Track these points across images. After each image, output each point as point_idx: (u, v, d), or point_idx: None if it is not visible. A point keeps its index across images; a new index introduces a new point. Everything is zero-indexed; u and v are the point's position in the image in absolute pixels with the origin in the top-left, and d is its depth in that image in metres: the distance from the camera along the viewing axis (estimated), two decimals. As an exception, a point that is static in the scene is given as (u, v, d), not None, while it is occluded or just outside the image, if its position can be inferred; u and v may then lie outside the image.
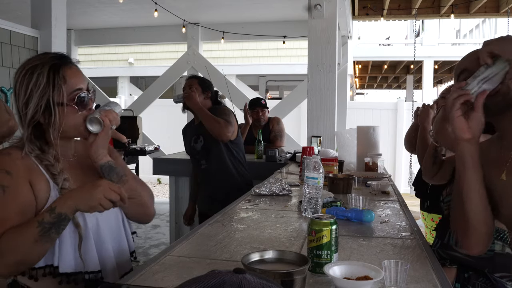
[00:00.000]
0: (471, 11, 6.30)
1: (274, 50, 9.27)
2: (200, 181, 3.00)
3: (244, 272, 0.59)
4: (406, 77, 13.96)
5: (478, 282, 1.37)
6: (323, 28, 3.85)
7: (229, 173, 2.87)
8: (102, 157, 1.22)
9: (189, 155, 3.05)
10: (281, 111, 6.08)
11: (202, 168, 2.88)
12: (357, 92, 17.81)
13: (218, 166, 2.85)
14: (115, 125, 1.24)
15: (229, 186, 2.81)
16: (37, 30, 3.36)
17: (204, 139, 2.84)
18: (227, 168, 2.86)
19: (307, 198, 1.63)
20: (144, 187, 1.31)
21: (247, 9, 6.32)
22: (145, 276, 1.08)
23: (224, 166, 2.86)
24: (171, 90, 12.15)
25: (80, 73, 1.25)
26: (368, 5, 6.36)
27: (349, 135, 3.26)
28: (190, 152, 2.97)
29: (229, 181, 2.85)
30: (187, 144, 2.98)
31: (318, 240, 1.09)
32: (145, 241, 5.00)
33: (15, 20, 3.46)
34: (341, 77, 6.48)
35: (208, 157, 2.85)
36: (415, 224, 1.59)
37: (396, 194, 2.18)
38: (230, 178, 2.87)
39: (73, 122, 1.20)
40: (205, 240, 1.40)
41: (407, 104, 8.34)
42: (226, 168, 2.86)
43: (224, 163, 2.86)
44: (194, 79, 2.94)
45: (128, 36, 7.71)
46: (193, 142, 2.90)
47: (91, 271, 1.18)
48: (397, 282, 0.97)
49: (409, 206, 1.94)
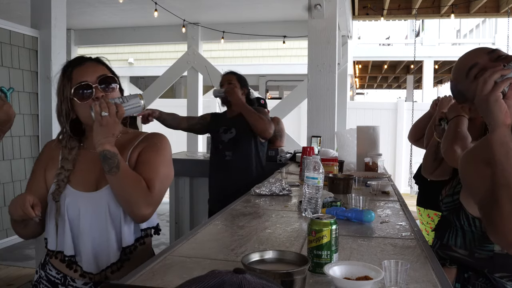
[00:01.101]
0: (471, 11, 6.30)
1: (274, 50, 9.27)
2: (216, 169, 3.03)
3: (244, 272, 0.59)
4: (406, 77, 13.97)
5: (478, 282, 1.37)
6: (323, 28, 3.85)
7: (251, 169, 2.97)
8: (99, 145, 1.29)
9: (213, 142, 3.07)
10: (281, 111, 6.07)
11: (225, 159, 2.94)
12: (357, 92, 17.82)
13: (243, 161, 2.94)
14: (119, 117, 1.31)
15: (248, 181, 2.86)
16: (37, 30, 3.36)
17: (236, 132, 2.93)
18: (251, 165, 2.97)
19: (307, 198, 1.63)
20: (136, 186, 1.30)
21: (247, 9, 6.32)
22: (145, 276, 1.08)
23: (249, 162, 2.96)
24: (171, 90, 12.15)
25: (90, 68, 1.39)
26: (368, 5, 6.36)
27: (349, 135, 3.26)
28: (215, 140, 3.02)
29: (250, 176, 2.93)
30: (214, 130, 3.03)
31: (318, 240, 1.08)
32: (145, 241, 4.99)
33: (15, 20, 3.45)
34: (341, 77, 6.48)
35: (235, 150, 2.93)
36: (415, 224, 1.59)
37: (396, 194, 2.18)
38: (251, 174, 2.95)
39: (82, 113, 1.37)
40: (205, 240, 1.40)
41: (407, 104, 8.35)
42: (251, 164, 2.97)
43: (249, 159, 2.96)
44: (232, 75, 3.02)
45: (128, 36, 7.71)
46: (222, 132, 2.98)
47: (69, 255, 1.34)
48: (397, 282, 0.97)
49: (409, 206, 1.94)
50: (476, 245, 1.37)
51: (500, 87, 1.04)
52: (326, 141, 3.87)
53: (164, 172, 1.40)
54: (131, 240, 1.37)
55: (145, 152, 1.40)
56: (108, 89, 1.38)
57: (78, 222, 1.34)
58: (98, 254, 1.35)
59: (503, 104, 1.04)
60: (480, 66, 1.27)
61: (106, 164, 1.28)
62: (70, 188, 1.36)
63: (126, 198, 1.31)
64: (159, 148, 1.41)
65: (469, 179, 1.25)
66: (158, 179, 1.36)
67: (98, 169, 1.34)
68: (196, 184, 4.03)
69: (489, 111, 1.06)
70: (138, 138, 1.44)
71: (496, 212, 1.06)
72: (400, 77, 14.92)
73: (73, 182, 1.37)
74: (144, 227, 1.41)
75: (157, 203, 1.37)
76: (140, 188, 1.31)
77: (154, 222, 1.46)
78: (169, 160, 1.45)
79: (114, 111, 1.29)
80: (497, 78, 1.06)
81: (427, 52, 10.38)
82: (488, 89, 1.05)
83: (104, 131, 1.28)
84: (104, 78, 1.38)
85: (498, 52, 1.29)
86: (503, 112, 1.03)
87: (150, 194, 1.32)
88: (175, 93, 13.15)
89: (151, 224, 1.44)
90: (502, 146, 1.03)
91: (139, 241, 1.40)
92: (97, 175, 1.36)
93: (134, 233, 1.39)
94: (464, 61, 1.34)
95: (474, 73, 1.27)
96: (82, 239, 1.34)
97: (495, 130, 1.05)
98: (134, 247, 1.38)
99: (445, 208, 1.51)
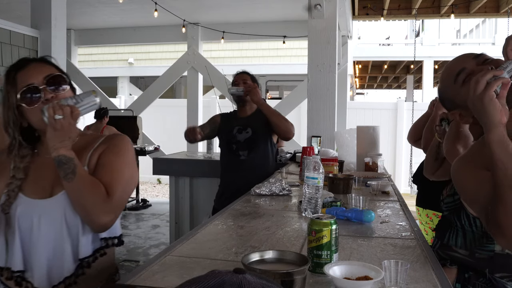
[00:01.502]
0: (471, 11, 6.30)
1: (274, 50, 9.27)
2: (229, 169, 3.02)
3: (244, 272, 0.59)
4: (406, 77, 13.97)
5: (479, 282, 1.36)
6: (323, 28, 3.85)
7: (266, 169, 2.97)
8: (53, 150, 1.21)
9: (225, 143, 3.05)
10: (281, 111, 6.04)
11: (240, 159, 2.94)
12: (357, 92, 17.82)
13: (260, 161, 2.94)
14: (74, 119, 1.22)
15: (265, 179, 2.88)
16: (37, 30, 3.36)
17: (253, 131, 2.93)
18: (268, 164, 2.99)
19: (307, 198, 1.63)
20: (94, 192, 1.21)
21: (247, 9, 6.33)
22: (145, 276, 1.08)
23: (266, 162, 2.97)
24: (171, 90, 12.16)
25: (35, 69, 1.27)
26: (368, 5, 6.36)
27: (349, 135, 3.26)
28: (228, 140, 3.00)
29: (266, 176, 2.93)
30: (226, 131, 3.01)
31: (318, 240, 1.08)
32: (145, 241, 5.00)
33: (15, 20, 3.46)
34: (341, 77, 6.49)
35: (251, 150, 2.92)
36: (415, 224, 1.59)
37: (396, 194, 2.18)
38: (267, 173, 2.95)
39: (34, 119, 1.26)
40: (205, 240, 1.40)
41: (407, 104, 8.35)
42: (267, 164, 2.98)
43: (266, 159, 2.98)
44: (246, 75, 3.02)
45: (128, 36, 7.72)
46: (236, 132, 2.96)
47: (17, 271, 1.23)
48: (397, 282, 0.97)
49: (409, 206, 1.94)
50: (477, 245, 1.37)
51: (492, 86, 1.04)
52: (326, 141, 3.88)
53: (127, 175, 1.30)
54: (89, 251, 1.26)
55: (105, 155, 1.30)
56: (58, 90, 1.26)
57: (30, 234, 1.23)
58: (52, 268, 1.24)
59: (497, 103, 1.03)
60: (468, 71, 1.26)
61: (62, 170, 1.20)
62: (22, 196, 1.26)
63: (83, 206, 1.21)
64: (120, 150, 1.32)
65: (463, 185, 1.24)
66: (120, 183, 1.26)
67: (53, 174, 1.25)
68: (196, 184, 4.03)
69: (484, 111, 1.05)
70: (98, 140, 1.34)
71: (502, 215, 1.04)
72: (400, 77, 14.92)
73: (26, 190, 1.27)
74: (105, 236, 1.30)
75: (117, 210, 1.27)
76: (99, 194, 1.21)
77: (117, 232, 1.34)
78: (132, 162, 1.34)
79: (68, 113, 1.19)
80: (489, 78, 1.06)
81: (427, 52, 10.38)
82: (481, 88, 1.05)
83: (59, 135, 1.19)
84: (52, 78, 1.26)
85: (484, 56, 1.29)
86: (498, 111, 1.03)
87: (109, 200, 1.22)
88: (175, 93, 13.15)
89: (113, 233, 1.32)
90: (502, 145, 1.02)
91: (99, 252, 1.29)
92: (53, 181, 1.27)
93: (92, 243, 1.28)
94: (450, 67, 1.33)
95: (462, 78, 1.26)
96: (34, 252, 1.23)
97: (491, 130, 1.04)
98: (93, 258, 1.27)
99: (446, 208, 1.51)
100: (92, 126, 6.07)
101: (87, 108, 1.25)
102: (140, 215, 6.36)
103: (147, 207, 6.86)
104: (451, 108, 1.36)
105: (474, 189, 1.17)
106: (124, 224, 5.78)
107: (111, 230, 1.30)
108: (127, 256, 4.44)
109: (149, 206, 6.90)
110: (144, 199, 7.13)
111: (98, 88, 7.74)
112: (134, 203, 6.87)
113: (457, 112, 1.32)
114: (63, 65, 3.56)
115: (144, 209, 6.72)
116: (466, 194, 1.25)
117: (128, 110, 7.35)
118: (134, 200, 6.92)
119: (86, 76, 7.77)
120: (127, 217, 6.21)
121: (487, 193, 1.09)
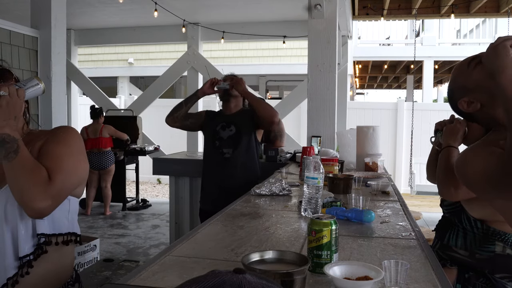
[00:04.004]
0: (471, 11, 6.30)
1: (274, 50, 9.27)
2: (213, 167, 3.02)
3: (244, 272, 0.58)
4: (406, 77, 13.97)
5: (479, 282, 1.37)
6: (323, 28, 3.85)
7: (253, 166, 2.98)
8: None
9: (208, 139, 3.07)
10: (281, 111, 6.07)
11: (224, 156, 2.94)
12: (357, 92, 17.82)
13: (245, 158, 2.94)
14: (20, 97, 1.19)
15: (252, 177, 2.90)
16: (37, 30, 3.36)
17: (237, 129, 2.94)
18: (254, 161, 2.99)
19: (307, 198, 1.63)
20: (35, 174, 1.15)
21: (247, 9, 6.33)
22: (145, 276, 1.08)
23: (251, 159, 2.97)
24: (171, 90, 12.15)
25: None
26: (368, 5, 6.36)
27: (350, 135, 3.26)
28: (211, 136, 3.02)
29: (253, 173, 2.96)
30: (210, 127, 3.04)
31: (318, 240, 1.08)
32: (145, 241, 5.00)
33: (15, 20, 3.46)
34: (341, 77, 6.49)
35: (235, 147, 2.93)
36: (415, 224, 1.59)
37: (396, 194, 2.18)
38: (254, 170, 2.98)
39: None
40: (205, 240, 1.40)
41: (407, 104, 8.35)
42: (253, 161, 2.99)
43: (252, 156, 2.98)
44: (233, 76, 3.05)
45: (128, 36, 7.71)
46: (220, 128, 2.98)
47: None
48: (397, 282, 0.97)
49: (409, 206, 1.94)
50: (477, 246, 1.37)
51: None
52: (326, 141, 3.88)
53: (68, 164, 1.23)
54: (29, 249, 1.20)
55: (47, 144, 1.25)
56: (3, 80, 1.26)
57: None
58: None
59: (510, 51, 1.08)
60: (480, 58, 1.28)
61: (4, 148, 1.12)
62: None
63: (20, 187, 1.14)
64: (63, 139, 1.27)
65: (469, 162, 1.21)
66: (61, 171, 1.19)
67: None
68: (196, 184, 4.02)
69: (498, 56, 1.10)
70: (43, 133, 1.31)
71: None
72: (400, 77, 14.91)
73: None
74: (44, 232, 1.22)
75: (57, 197, 1.19)
76: (39, 177, 1.15)
77: (63, 229, 1.26)
78: (76, 152, 1.28)
79: (14, 90, 1.16)
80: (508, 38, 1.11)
81: (427, 52, 10.37)
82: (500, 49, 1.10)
83: (4, 113, 1.14)
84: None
85: None
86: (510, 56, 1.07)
87: (49, 185, 1.15)
88: (175, 93, 13.14)
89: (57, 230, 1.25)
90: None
91: (39, 250, 1.22)
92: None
93: (32, 239, 1.21)
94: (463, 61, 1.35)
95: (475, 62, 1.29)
96: None
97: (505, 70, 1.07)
98: (35, 256, 1.21)
99: (447, 210, 1.52)
100: (90, 126, 6.06)
101: (32, 92, 1.25)
102: (140, 215, 6.36)
103: (147, 207, 6.86)
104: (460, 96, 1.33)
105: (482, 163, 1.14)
106: (124, 224, 5.79)
107: (55, 226, 1.24)
108: (127, 256, 4.45)
109: (149, 206, 6.90)
110: (144, 199, 7.14)
111: (98, 88, 7.75)
112: (134, 203, 6.87)
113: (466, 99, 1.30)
114: (63, 65, 3.56)
115: (144, 209, 6.72)
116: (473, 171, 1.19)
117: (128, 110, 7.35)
118: (134, 200, 6.93)
119: (86, 76, 7.77)
120: (127, 217, 6.21)
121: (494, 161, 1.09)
